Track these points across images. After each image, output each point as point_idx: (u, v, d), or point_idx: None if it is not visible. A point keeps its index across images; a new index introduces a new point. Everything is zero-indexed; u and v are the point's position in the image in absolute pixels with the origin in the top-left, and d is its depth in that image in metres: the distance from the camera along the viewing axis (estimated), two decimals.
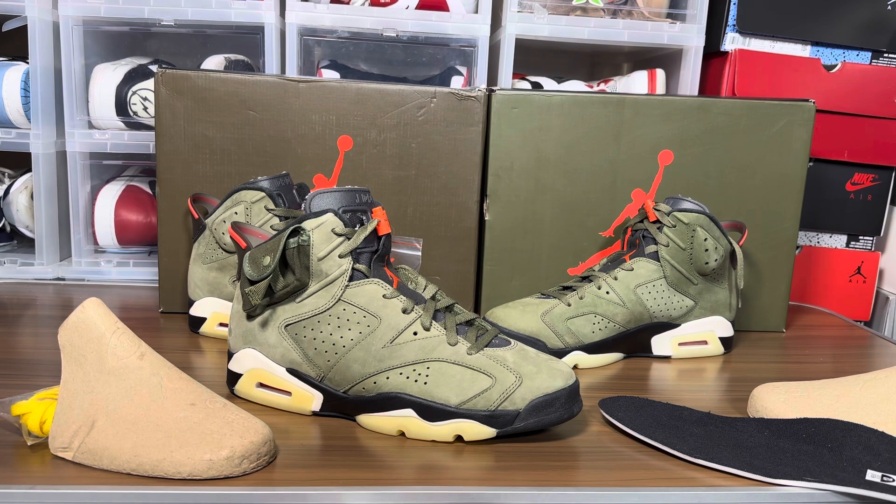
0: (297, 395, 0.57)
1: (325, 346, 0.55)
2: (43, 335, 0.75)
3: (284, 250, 0.55)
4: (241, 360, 0.59)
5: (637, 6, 1.04)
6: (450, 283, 0.85)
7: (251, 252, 0.56)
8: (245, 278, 0.56)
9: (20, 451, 0.49)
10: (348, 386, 0.56)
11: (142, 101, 0.96)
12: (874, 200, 1.10)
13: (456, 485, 0.48)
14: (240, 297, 0.58)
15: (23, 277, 0.98)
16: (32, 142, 0.96)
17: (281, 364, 0.57)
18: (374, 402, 0.55)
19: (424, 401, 0.53)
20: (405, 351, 0.54)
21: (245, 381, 0.59)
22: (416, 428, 0.54)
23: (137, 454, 0.47)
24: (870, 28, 1.05)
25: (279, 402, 0.58)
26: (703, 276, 0.76)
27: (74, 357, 0.50)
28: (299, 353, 0.56)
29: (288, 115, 0.82)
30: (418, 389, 0.54)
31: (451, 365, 0.54)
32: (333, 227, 0.55)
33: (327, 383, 0.56)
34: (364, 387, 0.55)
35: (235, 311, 0.59)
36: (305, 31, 1.00)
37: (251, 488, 0.46)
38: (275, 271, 0.55)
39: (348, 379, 0.55)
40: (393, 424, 0.55)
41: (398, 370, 0.54)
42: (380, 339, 0.55)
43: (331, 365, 0.55)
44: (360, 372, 0.55)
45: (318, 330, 0.55)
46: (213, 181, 0.82)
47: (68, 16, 0.95)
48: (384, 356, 0.54)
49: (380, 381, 0.54)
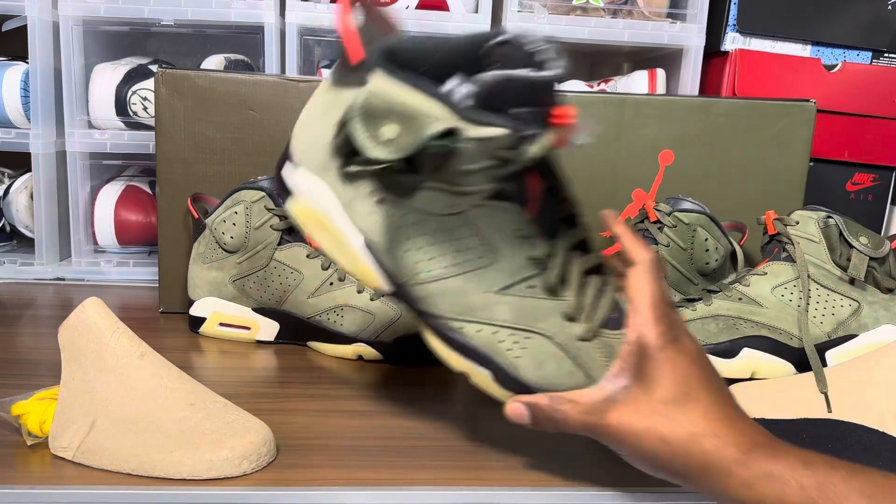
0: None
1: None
2: (43, 335, 0.74)
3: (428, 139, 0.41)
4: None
5: (637, 6, 1.04)
6: None
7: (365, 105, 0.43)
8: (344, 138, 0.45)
9: (20, 451, 0.49)
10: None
11: (142, 100, 0.96)
12: (875, 200, 1.10)
13: (456, 485, 0.48)
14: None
15: (22, 277, 0.98)
16: (32, 142, 0.96)
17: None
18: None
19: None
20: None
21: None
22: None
23: (137, 454, 0.47)
24: (870, 28, 1.05)
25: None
26: (703, 277, 0.76)
27: (74, 357, 0.50)
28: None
29: (288, 114, 0.82)
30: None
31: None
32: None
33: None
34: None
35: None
36: (305, 31, 1.00)
37: (251, 489, 0.46)
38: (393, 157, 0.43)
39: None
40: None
41: None
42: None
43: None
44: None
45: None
46: (213, 181, 0.82)
47: (68, 15, 0.94)
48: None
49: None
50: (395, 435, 0.55)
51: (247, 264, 0.73)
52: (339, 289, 0.71)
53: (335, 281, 0.71)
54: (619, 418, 0.43)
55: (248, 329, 0.75)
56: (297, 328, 0.73)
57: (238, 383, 0.64)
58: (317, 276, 0.71)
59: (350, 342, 0.70)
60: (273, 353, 0.73)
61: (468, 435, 0.56)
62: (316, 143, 0.47)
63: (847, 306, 0.67)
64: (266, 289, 0.73)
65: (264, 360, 0.71)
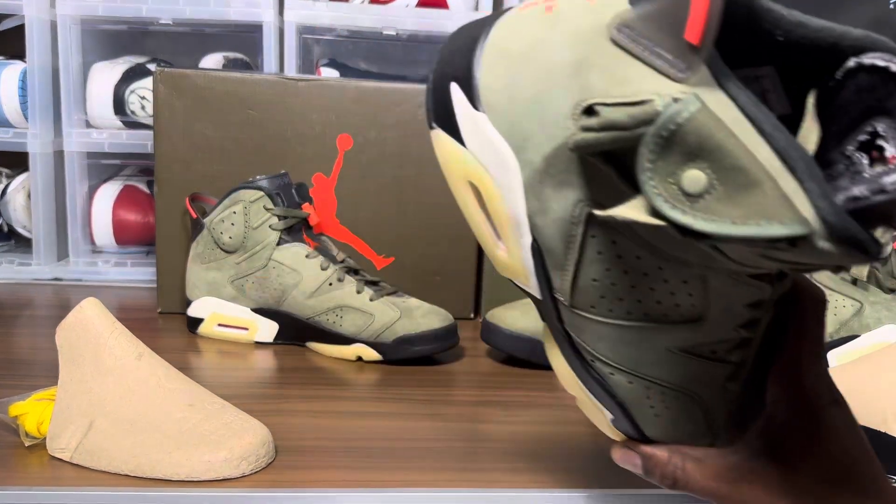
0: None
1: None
2: (40, 335, 0.74)
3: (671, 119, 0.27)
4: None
5: None
6: (450, 283, 0.85)
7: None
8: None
9: (17, 452, 0.49)
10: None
11: (140, 100, 0.96)
12: None
13: (455, 487, 0.48)
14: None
15: (20, 278, 0.97)
16: (30, 141, 0.95)
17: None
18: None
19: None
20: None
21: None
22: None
23: (135, 455, 0.46)
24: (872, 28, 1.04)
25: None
26: None
27: (72, 358, 0.49)
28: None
29: (287, 114, 0.81)
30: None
31: None
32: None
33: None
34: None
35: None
36: (304, 30, 0.99)
37: (249, 490, 0.46)
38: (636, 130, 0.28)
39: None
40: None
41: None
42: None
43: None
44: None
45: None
46: (211, 180, 0.82)
47: (66, 14, 0.94)
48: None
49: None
50: (395, 436, 0.55)
51: (245, 264, 0.73)
52: (338, 289, 0.71)
53: (334, 281, 0.71)
54: (757, 492, 0.35)
55: (246, 329, 0.74)
56: (295, 329, 0.73)
57: (237, 384, 0.64)
58: (316, 276, 0.71)
59: (349, 343, 0.70)
60: (272, 353, 0.72)
61: (467, 436, 0.56)
62: (532, 106, 0.33)
63: (849, 306, 0.67)
64: (265, 289, 0.73)
65: (263, 360, 0.71)
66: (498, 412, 0.60)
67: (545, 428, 0.57)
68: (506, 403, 0.62)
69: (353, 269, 0.73)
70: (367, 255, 0.85)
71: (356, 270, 0.74)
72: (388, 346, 0.69)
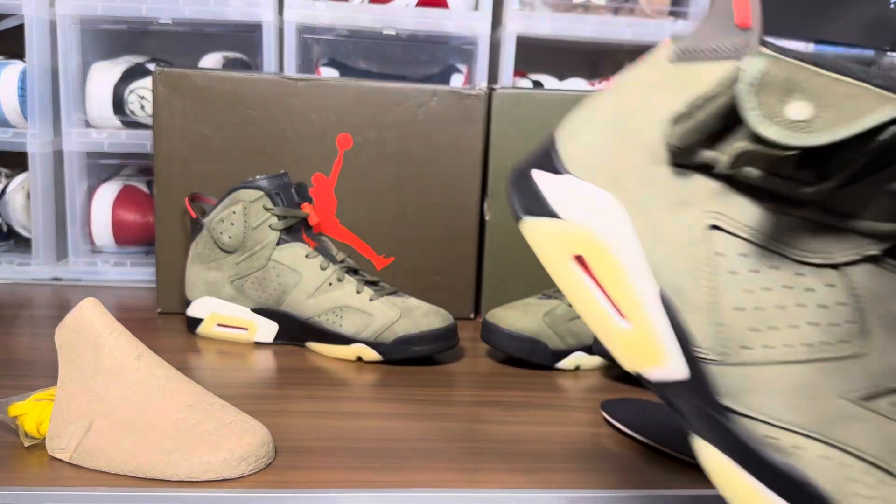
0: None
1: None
2: (40, 336, 0.74)
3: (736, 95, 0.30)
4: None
5: (639, 4, 1.03)
6: (450, 282, 0.85)
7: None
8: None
9: (17, 453, 0.49)
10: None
11: (139, 99, 0.96)
12: None
13: (455, 487, 0.48)
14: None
15: (19, 278, 0.97)
16: (29, 141, 0.95)
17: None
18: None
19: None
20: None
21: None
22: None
23: (135, 455, 0.46)
24: (872, 28, 1.04)
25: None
26: None
27: (71, 358, 0.49)
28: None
29: (287, 113, 0.81)
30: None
31: None
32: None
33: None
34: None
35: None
36: (304, 29, 0.99)
37: (249, 490, 0.46)
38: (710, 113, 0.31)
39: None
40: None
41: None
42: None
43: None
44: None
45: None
46: (211, 180, 0.82)
47: (65, 14, 0.94)
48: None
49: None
50: (394, 437, 0.55)
51: (245, 264, 0.73)
52: (338, 289, 0.71)
53: (334, 281, 0.71)
54: None
55: (246, 330, 0.74)
56: (295, 329, 0.73)
57: (236, 384, 0.64)
58: (315, 276, 0.71)
59: (349, 343, 0.70)
60: (272, 353, 0.72)
61: (467, 436, 0.55)
62: (616, 143, 0.34)
63: None
64: (264, 289, 0.73)
65: (263, 360, 0.71)
66: (498, 412, 0.60)
67: (545, 428, 0.57)
68: (506, 403, 0.62)
69: (352, 269, 0.73)
70: (366, 255, 0.84)
71: (356, 270, 0.73)
72: (388, 347, 0.69)
